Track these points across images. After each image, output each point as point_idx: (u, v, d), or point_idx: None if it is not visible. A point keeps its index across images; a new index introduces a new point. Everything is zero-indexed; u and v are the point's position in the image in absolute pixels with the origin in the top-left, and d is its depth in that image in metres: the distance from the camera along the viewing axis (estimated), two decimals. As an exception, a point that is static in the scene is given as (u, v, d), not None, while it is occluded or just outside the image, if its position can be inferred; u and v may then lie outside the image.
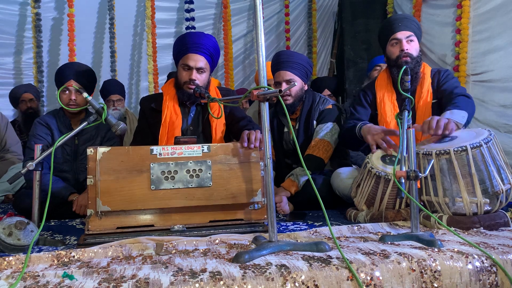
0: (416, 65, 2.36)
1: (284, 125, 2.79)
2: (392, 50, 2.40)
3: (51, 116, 2.61)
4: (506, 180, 1.77)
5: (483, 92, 3.41)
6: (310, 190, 2.32)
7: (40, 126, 2.54)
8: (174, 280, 1.17)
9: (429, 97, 2.36)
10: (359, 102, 2.57)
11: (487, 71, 3.41)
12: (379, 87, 2.50)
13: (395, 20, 2.45)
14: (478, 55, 3.51)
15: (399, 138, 1.65)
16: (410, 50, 2.35)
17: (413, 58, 2.34)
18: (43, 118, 2.60)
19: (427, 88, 2.38)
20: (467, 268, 1.30)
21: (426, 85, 2.38)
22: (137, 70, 5.15)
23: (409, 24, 2.40)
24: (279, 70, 2.65)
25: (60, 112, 2.62)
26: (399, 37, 2.36)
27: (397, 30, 2.38)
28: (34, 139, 2.49)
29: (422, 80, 2.40)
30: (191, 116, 2.43)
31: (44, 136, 2.52)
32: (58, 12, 4.79)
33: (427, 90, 2.37)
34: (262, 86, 1.46)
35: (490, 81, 3.36)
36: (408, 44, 2.36)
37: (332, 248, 1.45)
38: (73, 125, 2.58)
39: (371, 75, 3.35)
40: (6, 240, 1.60)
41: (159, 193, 1.73)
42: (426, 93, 2.37)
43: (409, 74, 1.72)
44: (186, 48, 2.33)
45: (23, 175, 1.78)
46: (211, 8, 5.34)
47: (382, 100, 2.45)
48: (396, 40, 2.38)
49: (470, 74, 3.55)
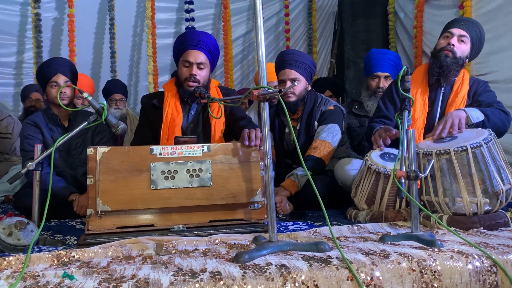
0: (453, 64, 2.28)
1: (286, 125, 2.79)
2: (441, 41, 2.35)
3: (39, 115, 2.62)
4: (506, 180, 1.77)
5: None
6: (310, 190, 2.31)
7: (29, 126, 2.55)
8: (174, 280, 1.17)
9: (463, 104, 2.29)
10: (390, 95, 2.51)
11: (491, 72, 3.40)
12: (413, 82, 2.38)
13: (461, 18, 2.42)
14: (482, 56, 3.47)
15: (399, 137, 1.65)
16: (457, 48, 2.29)
17: (455, 56, 2.27)
18: (31, 118, 2.61)
19: (464, 94, 2.31)
20: (467, 268, 1.30)
21: (464, 91, 2.31)
22: (137, 70, 5.15)
23: (470, 26, 2.34)
24: (284, 68, 2.65)
25: (47, 110, 2.63)
26: (453, 32, 2.32)
27: (456, 26, 2.33)
28: (26, 140, 2.50)
29: (460, 85, 2.32)
30: (192, 114, 2.44)
31: (35, 135, 2.52)
32: (58, 12, 4.79)
33: (463, 96, 2.31)
34: (262, 86, 1.46)
35: (495, 82, 3.34)
36: (458, 42, 2.30)
37: (332, 248, 1.45)
38: (62, 121, 2.59)
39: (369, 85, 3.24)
40: (6, 240, 1.60)
41: (159, 193, 1.73)
42: (461, 99, 2.30)
43: (409, 74, 1.72)
44: (185, 45, 2.34)
45: (23, 175, 1.78)
46: (211, 8, 5.34)
47: (414, 96, 2.35)
48: (449, 34, 2.33)
49: (475, 75, 3.53)
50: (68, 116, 2.61)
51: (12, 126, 3.84)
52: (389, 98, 2.51)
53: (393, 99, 2.49)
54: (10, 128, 3.83)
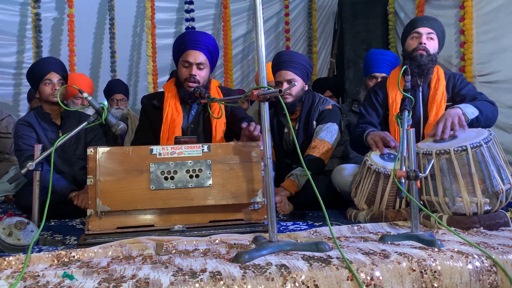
0: (429, 62, 2.34)
1: (284, 125, 2.79)
2: (411, 42, 2.39)
3: (30, 115, 2.63)
4: (506, 180, 1.77)
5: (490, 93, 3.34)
6: (310, 190, 2.31)
7: (22, 126, 2.56)
8: (174, 280, 1.17)
9: (443, 100, 2.33)
10: (370, 102, 2.54)
11: (494, 72, 3.40)
12: (391, 86, 2.45)
13: (421, 17, 2.48)
14: (484, 56, 3.49)
15: (399, 139, 1.65)
16: (428, 46, 2.34)
17: (429, 53, 2.33)
18: (23, 118, 2.63)
19: (442, 90, 2.35)
20: (467, 268, 1.30)
21: (442, 86, 2.35)
22: (137, 70, 5.15)
23: (434, 24, 2.41)
24: (280, 70, 2.65)
25: (38, 109, 2.64)
26: (421, 31, 2.37)
27: (420, 26, 2.39)
28: (21, 140, 2.51)
29: (437, 81, 2.37)
30: (192, 114, 2.44)
31: (29, 134, 2.53)
32: (58, 12, 4.79)
33: (442, 92, 2.34)
34: (262, 86, 1.46)
35: (497, 82, 3.34)
36: (427, 40, 2.36)
37: (332, 248, 1.45)
38: (54, 119, 2.60)
39: (367, 85, 3.28)
40: (6, 240, 1.60)
41: (159, 193, 1.73)
42: (441, 94, 2.34)
43: (409, 74, 1.72)
44: (185, 45, 2.34)
45: (23, 175, 1.78)
46: (211, 8, 5.34)
47: (395, 100, 2.41)
48: (417, 34, 2.38)
49: (477, 75, 3.53)
50: (60, 114, 2.62)
51: (12, 125, 3.86)
52: (370, 105, 2.54)
53: (374, 105, 2.52)
54: (10, 128, 3.84)
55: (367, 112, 2.52)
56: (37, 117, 2.60)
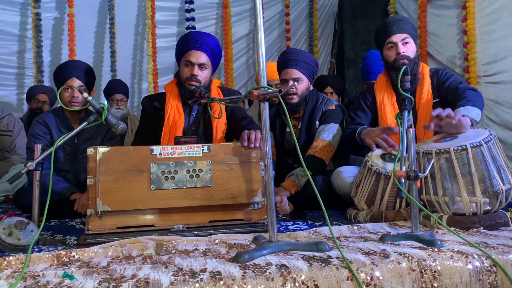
0: (414, 67, 2.37)
1: (287, 125, 2.79)
2: (389, 53, 2.41)
3: (50, 115, 2.60)
4: (506, 180, 1.77)
5: (496, 94, 3.38)
6: (310, 190, 2.31)
7: (38, 125, 2.54)
8: (174, 280, 1.17)
9: (430, 97, 2.36)
10: (359, 106, 2.57)
11: (499, 72, 3.38)
12: (378, 90, 2.50)
13: (389, 23, 2.46)
14: (489, 57, 3.47)
15: (398, 136, 1.65)
16: (407, 52, 2.36)
17: (410, 60, 2.35)
18: (42, 117, 2.59)
19: (427, 88, 2.38)
20: (467, 268, 1.30)
21: (426, 85, 2.39)
22: (137, 70, 5.15)
23: (403, 26, 2.41)
24: (286, 67, 2.64)
25: (60, 111, 2.61)
26: (395, 40, 2.38)
27: (392, 33, 2.39)
28: (33, 139, 2.49)
29: (422, 80, 2.41)
30: (193, 115, 2.43)
31: (43, 135, 2.51)
32: (59, 12, 4.79)
33: (428, 91, 2.38)
34: (262, 86, 1.46)
35: (503, 82, 3.33)
36: (404, 46, 2.37)
37: (332, 248, 1.45)
38: (73, 124, 2.57)
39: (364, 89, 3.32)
40: (6, 240, 1.60)
41: (159, 193, 1.73)
42: (427, 93, 2.37)
43: (409, 74, 1.72)
44: (187, 46, 2.34)
45: (23, 175, 1.78)
46: (212, 8, 5.34)
47: (382, 102, 2.45)
48: (391, 43, 2.39)
49: (482, 76, 3.50)
50: (80, 121, 2.58)
51: (13, 124, 3.87)
52: (359, 108, 2.57)
53: (363, 109, 2.55)
54: (11, 126, 3.85)
55: (357, 115, 2.55)
56: (56, 119, 2.58)
